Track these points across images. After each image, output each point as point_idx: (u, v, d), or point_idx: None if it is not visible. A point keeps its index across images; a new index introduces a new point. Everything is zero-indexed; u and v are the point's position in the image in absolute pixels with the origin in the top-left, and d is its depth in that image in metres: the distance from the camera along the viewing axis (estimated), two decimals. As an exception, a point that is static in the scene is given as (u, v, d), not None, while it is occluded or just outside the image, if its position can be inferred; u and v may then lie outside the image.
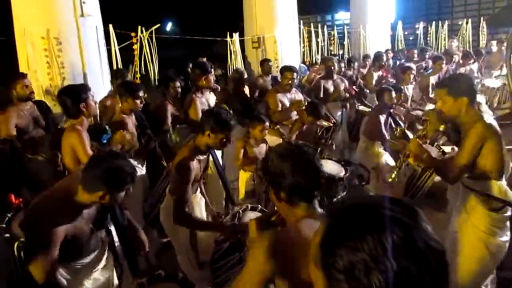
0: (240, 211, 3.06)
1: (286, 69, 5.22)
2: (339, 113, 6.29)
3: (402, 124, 5.29)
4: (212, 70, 4.89)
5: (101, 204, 2.25)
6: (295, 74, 5.21)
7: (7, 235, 2.46)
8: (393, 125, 5.08)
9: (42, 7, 5.04)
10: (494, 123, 2.74)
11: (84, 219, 2.28)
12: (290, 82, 5.14)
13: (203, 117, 3.03)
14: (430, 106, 6.83)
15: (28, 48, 5.07)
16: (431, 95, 6.86)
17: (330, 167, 4.35)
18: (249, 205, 3.17)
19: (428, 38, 14.20)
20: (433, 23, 14.10)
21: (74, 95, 3.16)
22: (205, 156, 3.16)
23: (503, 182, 2.78)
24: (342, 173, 4.21)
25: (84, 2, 5.19)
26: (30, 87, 4.29)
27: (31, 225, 2.15)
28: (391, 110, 5.19)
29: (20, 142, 3.89)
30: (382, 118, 5.03)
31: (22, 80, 4.23)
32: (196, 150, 2.99)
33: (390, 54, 9.71)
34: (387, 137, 5.02)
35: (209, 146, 2.98)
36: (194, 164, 2.95)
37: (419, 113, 6.14)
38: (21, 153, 3.26)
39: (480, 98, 6.37)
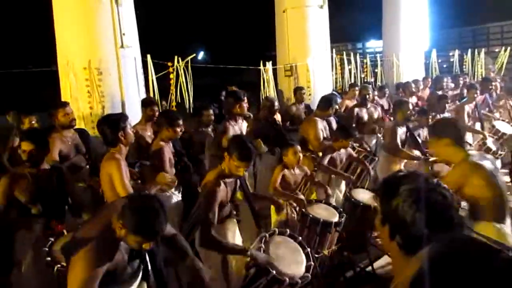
0: (267, 235, 3.05)
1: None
2: (374, 141, 6.21)
3: (419, 141, 5.22)
4: (245, 98, 4.95)
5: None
6: None
7: (49, 258, 2.52)
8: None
9: (85, 39, 5.27)
10: (484, 163, 2.77)
11: (121, 251, 2.30)
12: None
13: (230, 142, 3.11)
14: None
15: (71, 77, 5.28)
16: (468, 123, 6.72)
17: (366, 196, 4.28)
18: (277, 230, 3.15)
19: (464, 66, 13.95)
20: (469, 50, 13.88)
21: (112, 124, 3.25)
22: (232, 180, 3.17)
23: (504, 226, 2.71)
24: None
25: (124, 34, 5.39)
26: (72, 115, 4.44)
27: (74, 261, 2.16)
28: (410, 126, 5.18)
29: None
30: (400, 130, 4.99)
31: (64, 108, 4.39)
32: (222, 173, 3.05)
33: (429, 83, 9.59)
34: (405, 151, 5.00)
35: (231, 171, 3.05)
36: (221, 187, 2.99)
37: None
38: (66, 179, 3.33)
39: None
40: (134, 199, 2.25)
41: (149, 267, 2.59)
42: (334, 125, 5.43)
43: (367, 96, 6.51)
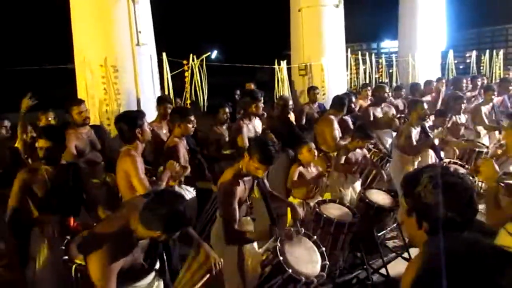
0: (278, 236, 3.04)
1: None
2: (389, 140, 6.15)
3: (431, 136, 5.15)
4: (262, 98, 4.96)
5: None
6: None
7: (66, 257, 2.51)
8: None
9: (101, 37, 5.30)
10: None
11: (138, 248, 2.32)
12: None
13: (252, 143, 3.10)
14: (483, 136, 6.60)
15: (87, 75, 5.33)
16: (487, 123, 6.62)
17: (380, 197, 4.25)
18: (292, 229, 3.14)
19: (482, 67, 13.76)
20: (487, 51, 13.68)
21: (130, 121, 3.27)
22: (249, 178, 3.18)
23: None
24: (392, 204, 4.14)
25: (140, 32, 5.42)
26: (86, 113, 4.47)
27: (91, 258, 2.18)
28: (426, 125, 5.14)
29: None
30: (414, 130, 4.95)
31: (78, 106, 4.44)
32: (239, 172, 3.05)
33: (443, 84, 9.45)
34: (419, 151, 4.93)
35: (249, 171, 3.04)
36: (239, 184, 3.00)
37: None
38: (82, 176, 3.34)
39: None
40: (149, 195, 2.26)
41: (166, 265, 2.61)
42: (350, 125, 5.39)
43: (383, 96, 6.45)
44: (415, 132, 5.00)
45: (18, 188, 3.10)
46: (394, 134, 6.16)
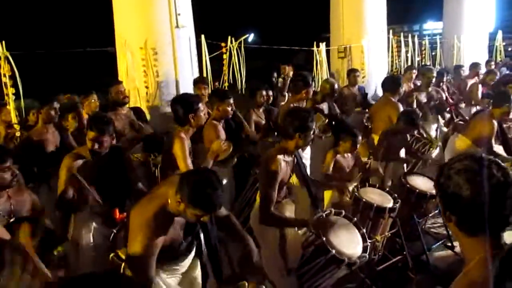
0: (324, 215, 3.04)
1: None
2: (435, 127, 5.92)
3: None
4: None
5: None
6: None
7: (113, 253, 2.44)
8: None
9: (141, 19, 5.36)
10: None
11: (177, 226, 2.35)
12: None
13: (285, 121, 3.03)
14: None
15: (128, 57, 5.40)
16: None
17: (422, 183, 4.12)
18: (333, 210, 3.11)
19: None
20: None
21: (186, 105, 3.33)
22: (291, 158, 3.14)
23: None
24: (434, 191, 3.98)
25: (179, 14, 5.44)
26: (124, 93, 4.57)
27: (133, 236, 2.22)
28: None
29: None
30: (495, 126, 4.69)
31: (117, 86, 4.55)
32: (282, 150, 3.02)
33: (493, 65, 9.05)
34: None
35: (298, 146, 3.04)
36: (282, 164, 2.97)
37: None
38: (126, 162, 3.35)
39: None
40: (191, 173, 2.28)
41: (203, 244, 2.63)
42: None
43: (432, 80, 6.18)
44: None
45: (65, 173, 3.10)
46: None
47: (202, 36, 5.93)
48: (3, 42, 4.40)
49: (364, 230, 3.08)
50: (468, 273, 1.30)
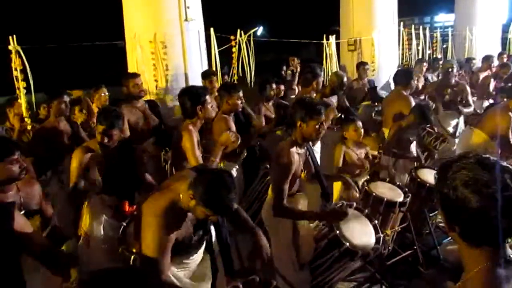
0: (336, 207, 3.02)
1: None
2: (454, 122, 5.84)
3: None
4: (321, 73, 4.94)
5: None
6: None
7: (123, 246, 2.48)
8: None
9: (151, 13, 5.36)
10: None
11: (189, 219, 2.34)
12: None
13: (291, 110, 3.03)
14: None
15: (138, 51, 5.41)
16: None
17: (433, 176, 4.07)
18: (345, 202, 3.10)
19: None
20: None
21: (193, 97, 3.31)
22: (303, 151, 3.13)
23: None
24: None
25: (188, 7, 5.43)
26: (141, 86, 4.56)
27: (146, 231, 2.21)
28: None
29: (130, 136, 4.07)
30: None
31: (134, 79, 4.51)
32: (294, 143, 2.99)
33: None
34: None
35: (304, 137, 2.97)
36: (295, 157, 2.95)
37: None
38: (137, 157, 3.36)
39: None
40: (208, 171, 2.25)
41: (213, 239, 2.63)
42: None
43: (450, 71, 6.11)
44: None
45: (76, 165, 3.13)
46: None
47: (211, 29, 5.92)
48: (14, 36, 4.42)
49: (376, 222, 3.08)
50: (468, 282, 1.25)
